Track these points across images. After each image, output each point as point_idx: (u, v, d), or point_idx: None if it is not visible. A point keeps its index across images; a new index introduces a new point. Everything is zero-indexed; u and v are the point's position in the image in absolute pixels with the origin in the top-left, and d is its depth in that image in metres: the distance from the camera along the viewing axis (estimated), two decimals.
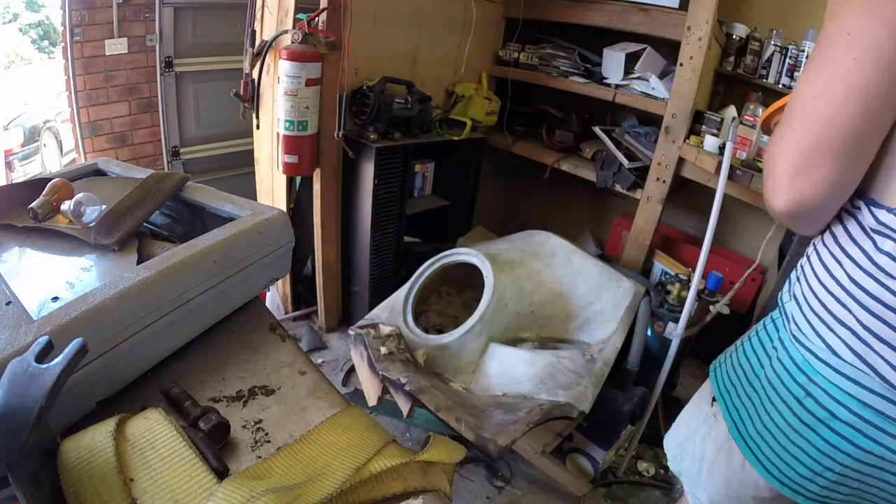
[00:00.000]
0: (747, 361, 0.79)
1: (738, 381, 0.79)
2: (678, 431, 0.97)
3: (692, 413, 0.94)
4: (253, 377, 0.86)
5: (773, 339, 0.75)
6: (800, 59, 1.75)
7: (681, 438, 0.94)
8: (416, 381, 1.31)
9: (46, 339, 0.55)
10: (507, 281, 1.59)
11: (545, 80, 2.28)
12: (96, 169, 1.23)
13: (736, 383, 0.79)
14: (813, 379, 0.66)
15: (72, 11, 2.45)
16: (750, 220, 2.16)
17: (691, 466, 0.89)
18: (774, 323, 0.77)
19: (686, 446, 0.92)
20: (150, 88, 2.80)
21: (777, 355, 0.72)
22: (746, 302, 2.02)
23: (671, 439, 0.98)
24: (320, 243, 2.08)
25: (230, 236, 0.92)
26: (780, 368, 0.71)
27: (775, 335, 0.75)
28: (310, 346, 2.17)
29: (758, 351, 0.77)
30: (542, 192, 2.73)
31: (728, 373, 0.82)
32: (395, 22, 1.97)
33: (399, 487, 0.63)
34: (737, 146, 1.63)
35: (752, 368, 0.77)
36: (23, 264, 0.92)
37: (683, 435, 0.94)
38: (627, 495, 1.67)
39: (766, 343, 0.76)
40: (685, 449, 0.92)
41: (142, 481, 0.56)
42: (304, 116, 1.75)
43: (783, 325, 0.74)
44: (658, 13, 1.91)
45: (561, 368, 1.40)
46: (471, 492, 1.62)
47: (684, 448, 0.92)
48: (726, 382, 0.82)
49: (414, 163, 2.11)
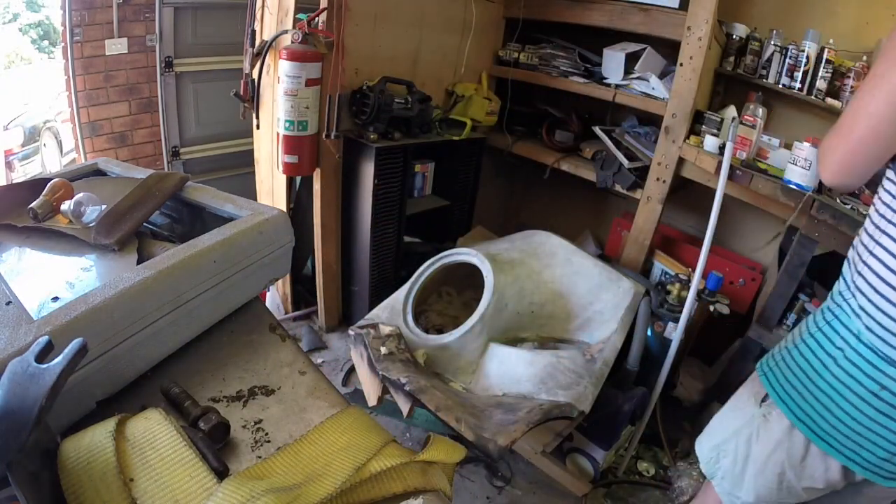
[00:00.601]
0: (807, 364, 0.85)
1: (801, 383, 0.85)
2: (714, 435, 1.02)
3: (731, 416, 0.99)
4: (253, 377, 0.86)
5: (835, 340, 0.82)
6: (799, 59, 1.75)
7: (717, 441, 0.99)
8: (416, 381, 1.31)
9: (46, 339, 0.55)
10: (507, 281, 1.59)
11: (545, 80, 2.28)
12: (96, 169, 1.23)
13: (798, 385, 0.86)
14: (887, 373, 0.75)
15: (72, 11, 2.45)
16: (750, 220, 2.16)
17: (732, 467, 0.95)
18: (830, 325, 0.84)
19: (725, 448, 0.97)
20: (150, 88, 2.80)
21: (844, 354, 0.80)
22: (746, 302, 2.02)
23: (705, 443, 1.03)
24: (320, 243, 2.08)
25: (230, 236, 0.92)
26: (849, 367, 0.79)
27: (835, 336, 0.82)
28: (310, 346, 2.17)
29: (817, 352, 0.84)
30: (542, 192, 2.73)
31: (786, 376, 0.88)
32: (396, 22, 1.97)
33: (399, 487, 0.63)
34: (737, 146, 1.63)
35: (815, 369, 0.84)
36: (23, 264, 0.92)
37: (720, 438, 0.99)
38: (627, 495, 1.67)
39: (826, 344, 0.83)
40: (723, 451, 0.97)
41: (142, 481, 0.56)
42: (304, 116, 1.75)
43: (847, 322, 0.80)
44: (658, 13, 1.91)
45: (561, 368, 1.40)
46: (471, 492, 1.62)
47: (721, 450, 0.97)
48: (786, 386, 0.88)
49: (414, 163, 2.11)
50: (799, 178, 1.51)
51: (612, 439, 1.59)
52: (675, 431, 1.89)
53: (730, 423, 0.99)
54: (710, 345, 2.07)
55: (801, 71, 1.76)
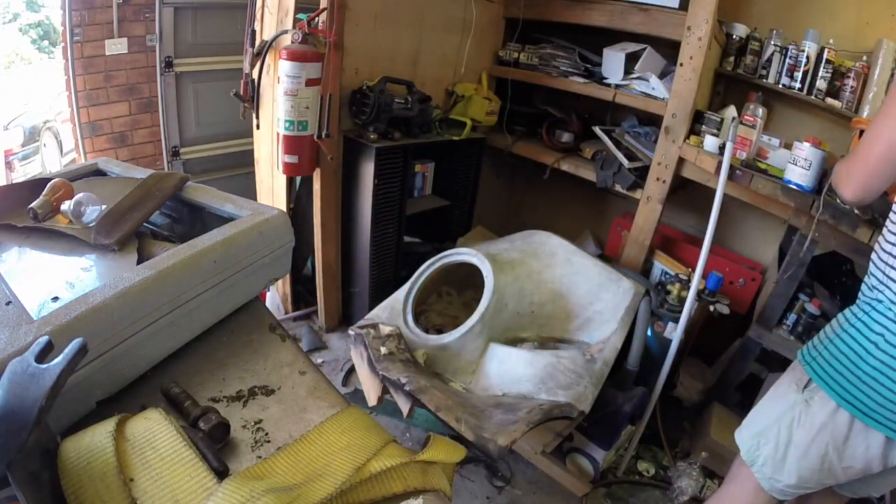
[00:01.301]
0: (850, 350, 0.94)
1: (845, 368, 0.94)
2: (754, 424, 1.09)
3: (772, 405, 1.07)
4: (253, 377, 0.86)
5: (874, 327, 0.91)
6: (799, 59, 1.75)
7: (758, 429, 1.07)
8: (416, 381, 1.31)
9: (46, 339, 0.54)
10: (507, 281, 1.59)
11: (545, 80, 2.28)
12: (96, 169, 1.23)
13: (842, 370, 0.94)
14: None
15: (72, 11, 2.45)
16: (750, 220, 2.16)
17: (773, 453, 1.02)
18: (868, 314, 0.93)
19: (766, 434, 1.04)
20: (150, 88, 2.80)
21: (885, 338, 0.89)
22: (746, 302, 2.02)
23: (745, 432, 1.10)
24: (320, 243, 2.08)
25: (230, 236, 0.92)
26: (890, 349, 0.88)
27: (874, 324, 0.92)
28: (310, 346, 2.17)
29: (858, 339, 0.93)
30: (542, 192, 2.73)
31: (830, 363, 0.97)
32: (396, 22, 1.97)
33: (399, 487, 0.63)
34: (737, 146, 1.63)
35: (858, 354, 0.93)
36: (23, 264, 0.92)
37: (762, 425, 1.06)
38: (627, 495, 1.67)
39: (866, 331, 0.93)
40: (763, 438, 1.04)
41: (142, 481, 0.56)
42: (304, 116, 1.75)
43: (884, 311, 0.91)
44: (658, 13, 1.91)
45: (561, 368, 1.40)
46: (471, 492, 1.62)
47: (762, 437, 1.05)
48: (830, 371, 0.96)
49: (414, 163, 2.11)
50: (799, 178, 1.51)
51: (612, 439, 1.59)
52: (675, 431, 1.89)
53: (771, 410, 1.06)
54: (710, 345, 2.07)
55: (801, 71, 1.76)
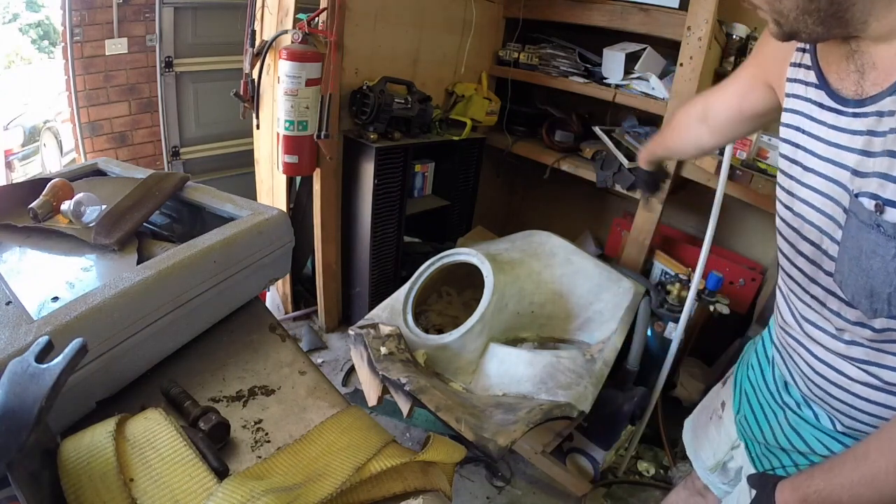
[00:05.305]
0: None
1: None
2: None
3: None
4: (253, 377, 0.86)
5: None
6: None
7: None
8: (416, 381, 1.31)
9: (46, 339, 0.54)
10: (507, 281, 1.59)
11: (545, 80, 2.28)
12: (96, 169, 1.23)
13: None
14: None
15: (72, 11, 2.45)
16: (750, 220, 2.16)
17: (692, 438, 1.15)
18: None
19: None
20: (150, 88, 2.80)
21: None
22: (746, 302, 2.02)
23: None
24: (320, 243, 2.08)
25: (230, 236, 0.92)
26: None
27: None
28: (310, 346, 2.17)
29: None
30: (542, 192, 2.73)
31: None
32: (396, 22, 1.97)
33: (399, 487, 0.63)
34: (737, 146, 1.63)
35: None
36: (23, 264, 0.91)
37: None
38: (627, 495, 1.67)
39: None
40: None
41: (142, 481, 0.56)
42: (304, 116, 1.75)
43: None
44: (658, 13, 1.91)
45: (561, 368, 1.40)
46: (471, 492, 1.62)
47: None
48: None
49: (414, 163, 2.11)
50: None
51: (612, 439, 1.59)
52: (675, 431, 1.87)
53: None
54: (710, 345, 2.07)
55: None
